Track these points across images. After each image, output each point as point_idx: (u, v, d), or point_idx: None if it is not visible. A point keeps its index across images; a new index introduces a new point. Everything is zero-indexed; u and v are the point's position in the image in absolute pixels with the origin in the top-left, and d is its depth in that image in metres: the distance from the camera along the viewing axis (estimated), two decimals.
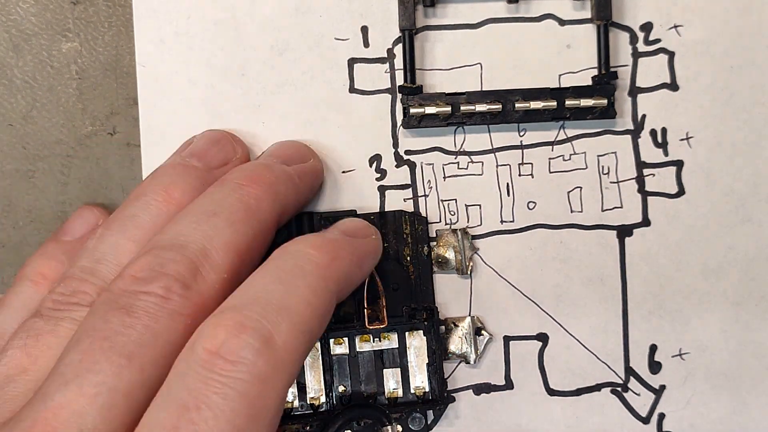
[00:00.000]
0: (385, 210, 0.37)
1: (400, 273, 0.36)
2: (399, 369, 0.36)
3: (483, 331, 0.37)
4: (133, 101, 0.37)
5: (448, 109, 0.36)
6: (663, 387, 0.38)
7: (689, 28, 0.37)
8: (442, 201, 0.37)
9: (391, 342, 0.36)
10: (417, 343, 0.36)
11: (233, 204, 0.31)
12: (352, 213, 0.36)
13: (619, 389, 0.38)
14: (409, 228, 0.36)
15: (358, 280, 0.33)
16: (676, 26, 0.37)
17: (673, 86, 0.37)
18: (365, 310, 0.35)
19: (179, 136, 0.36)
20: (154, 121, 0.36)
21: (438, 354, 0.36)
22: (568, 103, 0.36)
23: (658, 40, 0.37)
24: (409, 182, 0.37)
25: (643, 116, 0.37)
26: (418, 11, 0.37)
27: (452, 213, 0.37)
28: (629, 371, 0.38)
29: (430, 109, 0.36)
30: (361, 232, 0.34)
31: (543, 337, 0.38)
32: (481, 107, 0.36)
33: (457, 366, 0.38)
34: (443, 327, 0.37)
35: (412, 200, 0.37)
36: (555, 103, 0.36)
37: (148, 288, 0.28)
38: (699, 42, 0.37)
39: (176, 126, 0.36)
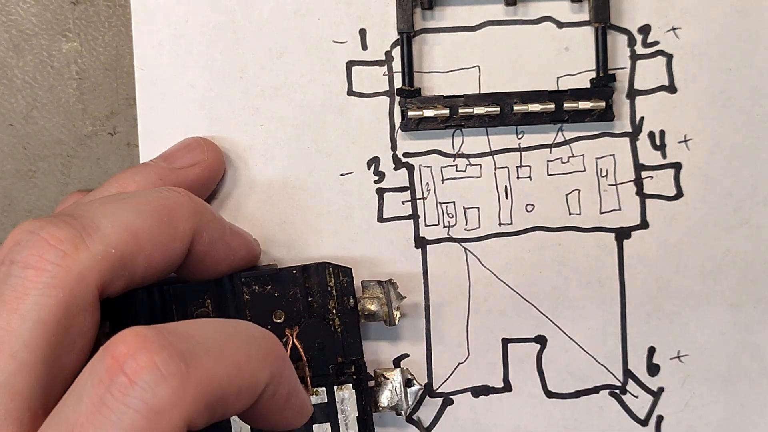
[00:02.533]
0: (312, 263, 0.35)
1: (326, 330, 0.35)
2: (329, 424, 0.35)
3: (414, 382, 0.37)
4: (133, 101, 0.38)
5: (447, 111, 0.36)
6: (661, 389, 0.38)
7: (687, 31, 0.37)
8: (441, 203, 0.37)
9: (320, 396, 0.35)
10: (347, 396, 0.35)
11: (149, 197, 0.30)
12: (273, 267, 0.35)
13: (617, 391, 0.38)
14: (334, 280, 0.35)
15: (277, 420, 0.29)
16: (674, 28, 0.37)
17: (671, 88, 0.37)
18: None
19: (177, 139, 0.36)
20: (152, 124, 0.36)
21: (368, 407, 0.35)
22: (567, 105, 0.36)
23: (656, 43, 0.37)
24: (408, 185, 0.37)
25: (642, 118, 0.37)
26: (416, 14, 0.37)
27: (450, 215, 0.37)
28: (627, 373, 0.38)
29: (429, 112, 0.36)
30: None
31: (541, 340, 0.38)
32: (479, 110, 0.36)
33: (456, 368, 0.38)
34: (373, 381, 0.36)
35: (410, 203, 0.37)
36: (553, 106, 0.36)
37: (22, 255, 0.26)
38: (697, 44, 0.37)
39: (174, 129, 0.36)
